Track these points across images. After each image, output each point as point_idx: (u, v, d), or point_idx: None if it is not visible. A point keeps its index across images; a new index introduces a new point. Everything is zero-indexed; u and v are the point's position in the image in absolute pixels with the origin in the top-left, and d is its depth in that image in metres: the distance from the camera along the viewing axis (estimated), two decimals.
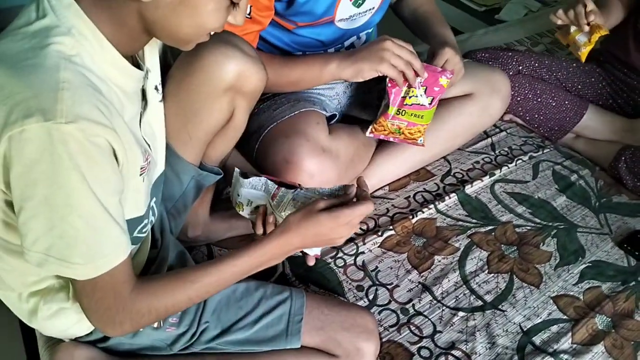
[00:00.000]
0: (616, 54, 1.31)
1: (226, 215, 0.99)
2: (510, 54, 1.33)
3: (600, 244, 1.05)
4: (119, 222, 0.55)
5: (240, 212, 0.81)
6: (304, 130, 0.97)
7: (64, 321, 0.67)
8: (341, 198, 0.69)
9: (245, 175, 0.81)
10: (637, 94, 1.29)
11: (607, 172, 1.23)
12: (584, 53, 1.14)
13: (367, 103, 1.23)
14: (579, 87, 1.34)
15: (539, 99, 1.29)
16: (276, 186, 0.78)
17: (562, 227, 1.08)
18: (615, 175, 1.21)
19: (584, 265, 1.00)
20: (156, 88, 0.70)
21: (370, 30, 1.12)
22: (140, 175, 0.63)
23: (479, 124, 1.19)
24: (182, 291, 0.62)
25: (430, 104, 0.96)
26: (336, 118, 1.10)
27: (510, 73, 1.30)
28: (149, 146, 0.67)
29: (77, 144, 0.49)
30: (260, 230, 0.76)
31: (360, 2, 1.02)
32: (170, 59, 0.81)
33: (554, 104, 1.29)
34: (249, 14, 0.89)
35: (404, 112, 0.97)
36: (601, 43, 1.41)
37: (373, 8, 1.05)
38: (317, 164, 0.94)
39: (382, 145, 1.17)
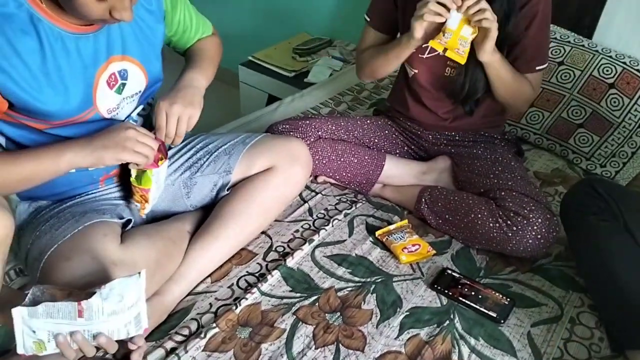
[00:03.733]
0: (398, 109, 1.46)
1: None
2: (308, 122, 1.39)
3: (414, 289, 1.10)
4: None
5: (44, 353, 0.72)
6: (88, 247, 0.89)
7: None
8: None
9: (34, 303, 0.73)
10: (423, 140, 1.44)
11: (414, 215, 1.33)
12: (467, 50, 1.13)
13: (176, 196, 1.19)
14: (376, 140, 1.44)
15: (342, 159, 1.37)
16: (76, 302, 0.71)
17: (379, 280, 1.12)
18: (420, 216, 1.31)
19: (402, 316, 1.04)
20: None
21: (146, 105, 1.11)
22: None
23: (285, 194, 1.21)
24: None
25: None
26: (132, 223, 1.04)
27: (312, 139, 1.36)
28: None
29: None
30: (72, 356, 0.73)
31: (121, 87, 1.00)
32: None
33: (355, 161, 1.37)
34: None
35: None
36: (387, 101, 1.55)
37: (140, 92, 1.04)
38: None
39: (196, 236, 1.12)
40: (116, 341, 0.83)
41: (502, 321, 1.02)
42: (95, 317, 0.74)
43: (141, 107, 1.09)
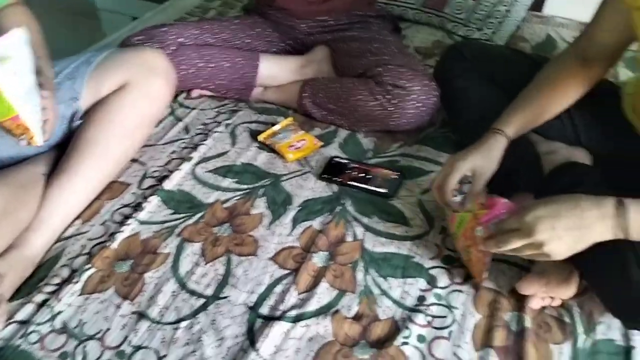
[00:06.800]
0: (266, 1, 1.33)
1: None
2: (165, 29, 1.24)
3: (304, 183, 1.05)
4: None
5: None
6: None
7: None
8: None
9: None
10: (297, 32, 1.33)
11: (299, 111, 1.25)
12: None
13: None
14: (248, 41, 1.32)
15: (212, 65, 1.24)
16: None
17: (268, 183, 1.05)
18: (304, 111, 1.23)
19: (294, 211, 0.99)
20: None
21: None
22: None
23: (147, 111, 1.08)
24: None
25: None
26: None
27: (172, 48, 1.21)
28: None
29: None
30: None
31: None
32: None
33: (228, 65, 1.24)
34: None
35: None
36: None
37: None
38: None
39: (52, 177, 0.98)
40: None
41: (393, 195, 0.99)
42: None
43: None
